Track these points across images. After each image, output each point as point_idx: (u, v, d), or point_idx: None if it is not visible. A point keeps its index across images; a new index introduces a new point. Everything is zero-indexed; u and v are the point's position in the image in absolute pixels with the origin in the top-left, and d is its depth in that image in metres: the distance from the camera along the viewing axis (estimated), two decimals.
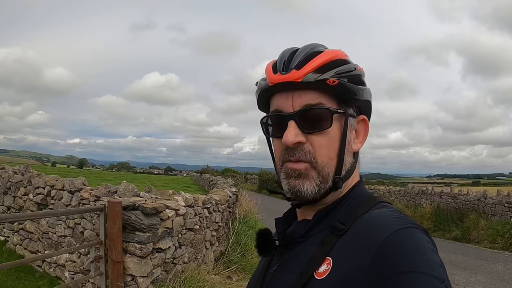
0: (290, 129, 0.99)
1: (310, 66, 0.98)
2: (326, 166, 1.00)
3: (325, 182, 1.00)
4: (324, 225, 1.01)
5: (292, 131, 0.98)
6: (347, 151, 1.03)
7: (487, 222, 14.15)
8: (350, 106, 1.04)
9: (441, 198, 17.92)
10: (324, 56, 1.00)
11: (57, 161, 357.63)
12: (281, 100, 1.03)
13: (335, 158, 1.01)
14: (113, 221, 4.90)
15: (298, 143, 0.99)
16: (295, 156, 1.00)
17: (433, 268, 0.79)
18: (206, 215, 7.44)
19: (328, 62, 0.99)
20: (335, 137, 1.01)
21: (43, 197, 6.95)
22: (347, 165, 1.04)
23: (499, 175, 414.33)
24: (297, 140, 0.98)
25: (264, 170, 41.95)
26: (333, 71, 0.99)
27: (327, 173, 1.00)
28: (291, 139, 0.98)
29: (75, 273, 6.04)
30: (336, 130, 1.01)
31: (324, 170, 1.00)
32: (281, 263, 1.07)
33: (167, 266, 5.67)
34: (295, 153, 1.00)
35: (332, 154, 1.01)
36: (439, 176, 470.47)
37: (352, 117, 1.04)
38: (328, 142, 1.00)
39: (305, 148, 0.99)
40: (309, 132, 0.99)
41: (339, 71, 0.99)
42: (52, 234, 6.58)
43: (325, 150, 1.00)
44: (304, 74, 0.98)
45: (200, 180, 34.53)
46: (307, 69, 0.98)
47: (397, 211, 0.95)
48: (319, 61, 0.99)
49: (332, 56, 1.01)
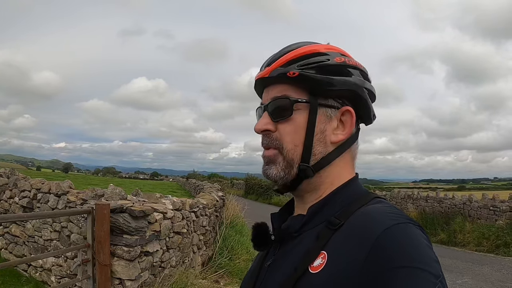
0: (262, 118, 1.09)
1: (278, 62, 1.06)
2: (290, 152, 1.05)
3: (289, 167, 1.05)
4: (319, 220, 1.01)
5: (262, 120, 1.08)
6: (318, 141, 1.05)
7: (472, 225, 14.33)
8: (326, 97, 1.06)
9: (427, 202, 18.08)
10: (297, 51, 1.05)
11: (42, 165, 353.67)
12: (264, 94, 1.13)
13: (300, 146, 1.04)
14: (101, 223, 4.87)
15: (267, 130, 1.08)
16: (265, 143, 1.09)
17: (429, 264, 0.79)
18: (194, 219, 7.42)
19: (297, 56, 1.04)
20: (300, 126, 1.05)
21: (29, 200, 6.87)
22: (317, 155, 1.05)
23: (484, 180, 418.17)
24: (264, 127, 1.08)
25: (250, 175, 41.85)
26: (297, 64, 1.04)
27: (291, 158, 1.05)
28: (258, 126, 1.09)
29: (61, 277, 5.97)
30: (301, 118, 1.05)
31: (289, 155, 1.05)
32: (276, 258, 1.07)
33: (155, 270, 5.65)
34: (265, 140, 1.09)
35: (297, 141, 1.05)
36: (425, 181, 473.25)
37: (329, 107, 1.06)
38: (293, 129, 1.05)
39: (273, 136, 1.07)
40: (276, 120, 1.07)
41: (304, 63, 1.03)
42: (38, 237, 6.50)
43: (289, 137, 1.05)
44: (271, 70, 1.06)
45: (186, 185, 34.40)
46: (275, 65, 1.06)
47: (393, 207, 0.96)
48: (290, 56, 1.05)
49: (307, 50, 1.05)
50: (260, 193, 35.30)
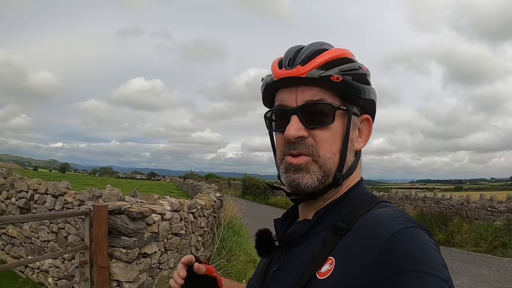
0: (293, 123, 0.99)
1: (315, 62, 0.99)
2: (328, 161, 1.00)
3: (326, 177, 1.00)
4: (325, 225, 1.01)
5: (294, 125, 0.99)
6: (349, 149, 1.03)
7: (470, 226, 14.39)
8: (354, 105, 1.04)
9: (424, 203, 18.13)
10: (329, 54, 1.01)
11: (39, 165, 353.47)
12: (285, 95, 1.04)
13: (337, 154, 1.01)
14: (99, 225, 4.85)
15: (300, 137, 1.00)
16: (296, 149, 1.00)
17: (437, 268, 0.79)
18: (192, 220, 7.40)
19: (333, 59, 1.01)
20: (337, 133, 1.01)
21: (26, 201, 6.83)
22: (348, 163, 1.04)
23: (481, 180, 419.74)
24: (298, 134, 0.99)
25: (247, 175, 41.94)
26: (338, 68, 1.00)
27: (329, 168, 1.00)
28: (292, 132, 0.99)
29: (59, 279, 5.94)
30: (338, 126, 1.01)
31: (326, 164, 1.00)
32: (282, 264, 1.06)
33: (153, 271, 5.63)
34: (297, 146, 1.00)
35: (334, 150, 1.01)
36: (422, 182, 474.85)
37: (355, 115, 1.05)
38: (331, 137, 1.01)
39: (308, 142, 1.00)
40: (311, 127, 1.00)
41: (344, 69, 1.00)
42: (35, 239, 6.47)
43: (328, 145, 1.00)
44: (308, 69, 0.99)
45: (183, 185, 34.42)
46: (311, 65, 0.99)
47: (399, 211, 0.95)
48: (324, 58, 1.00)
49: (337, 54, 1.02)
50: (258, 194, 35.36)
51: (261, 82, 1.11)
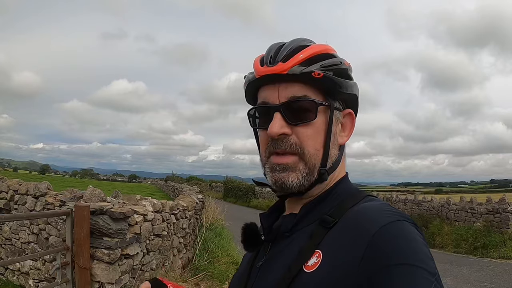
0: (276, 120, 1.00)
1: (296, 58, 1.00)
2: (313, 157, 1.01)
3: (311, 173, 1.01)
4: (312, 218, 1.02)
5: (277, 122, 1.00)
6: (332, 144, 1.04)
7: (451, 227, 14.59)
8: (336, 99, 1.06)
9: (405, 205, 18.30)
10: (310, 50, 1.02)
11: (18, 166, 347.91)
12: (267, 92, 1.05)
13: (321, 150, 1.02)
14: (81, 226, 4.81)
15: (283, 134, 1.01)
16: (281, 148, 1.01)
17: (425, 261, 0.80)
18: (174, 221, 7.38)
19: (314, 55, 1.02)
20: (320, 129, 1.03)
21: (6, 202, 6.72)
22: (332, 157, 1.05)
23: (461, 183, 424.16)
24: (281, 131, 1.00)
25: (229, 178, 41.82)
26: (319, 64, 1.01)
27: (313, 164, 1.01)
28: (275, 130, 0.99)
29: (39, 281, 5.87)
30: (321, 122, 1.03)
31: (311, 161, 1.01)
32: (268, 258, 1.06)
33: (135, 273, 5.60)
34: (281, 145, 1.01)
35: (318, 146, 1.02)
36: (403, 185, 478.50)
37: (337, 110, 1.06)
38: (314, 133, 1.02)
39: (291, 140, 1.01)
40: (294, 123, 1.01)
41: (325, 64, 1.02)
42: (15, 240, 6.37)
43: (312, 141, 1.01)
44: (290, 66, 1.00)
45: (165, 187, 34.23)
46: (293, 61, 1.00)
47: (387, 205, 0.97)
48: (306, 54, 1.01)
49: (319, 50, 1.03)
50: (239, 196, 35.29)
51: (244, 80, 1.12)
